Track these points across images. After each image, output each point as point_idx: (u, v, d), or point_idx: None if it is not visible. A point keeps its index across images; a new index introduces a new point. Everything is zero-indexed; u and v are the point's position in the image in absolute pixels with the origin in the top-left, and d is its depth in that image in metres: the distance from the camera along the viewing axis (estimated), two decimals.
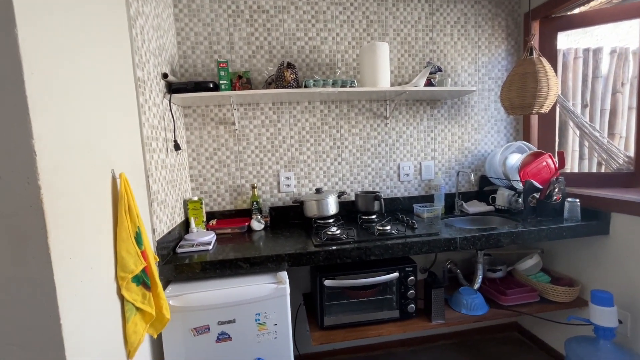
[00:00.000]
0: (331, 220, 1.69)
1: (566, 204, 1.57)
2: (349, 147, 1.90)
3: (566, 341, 1.51)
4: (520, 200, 1.74)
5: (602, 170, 1.97)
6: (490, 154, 1.98)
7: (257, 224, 1.67)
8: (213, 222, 1.71)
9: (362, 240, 1.41)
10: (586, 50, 2.06)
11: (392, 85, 1.84)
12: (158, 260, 1.15)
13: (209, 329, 1.16)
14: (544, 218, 1.61)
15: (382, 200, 1.70)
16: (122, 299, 0.94)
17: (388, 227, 1.50)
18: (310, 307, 1.68)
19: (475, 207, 1.89)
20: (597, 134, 1.84)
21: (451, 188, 2.01)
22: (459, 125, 2.00)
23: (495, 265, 1.82)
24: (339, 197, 1.75)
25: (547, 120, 1.95)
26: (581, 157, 2.20)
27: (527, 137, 1.99)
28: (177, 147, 1.48)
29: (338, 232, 1.47)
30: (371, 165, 1.93)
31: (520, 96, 1.64)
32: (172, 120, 1.49)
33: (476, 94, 1.99)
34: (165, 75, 1.42)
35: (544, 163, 1.72)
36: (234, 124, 1.77)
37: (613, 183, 1.75)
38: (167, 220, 1.38)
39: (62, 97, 0.74)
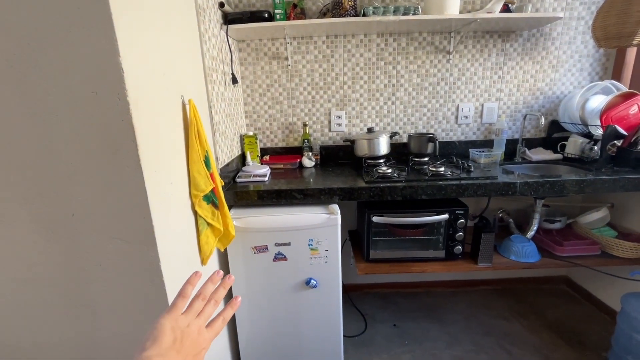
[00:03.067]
0: (382, 161, 1.68)
1: None
2: (404, 85, 1.79)
3: (623, 295, 1.45)
4: (596, 148, 1.57)
5: None
6: (567, 96, 1.75)
7: (308, 161, 1.72)
8: (266, 157, 1.79)
9: (413, 179, 1.39)
10: None
11: (460, 12, 1.64)
12: (223, 184, 1.25)
13: (267, 248, 1.29)
14: (623, 168, 1.45)
15: (437, 142, 1.63)
16: (195, 214, 1.05)
17: (442, 169, 1.46)
18: (355, 242, 1.76)
19: (539, 154, 1.75)
20: None
21: (514, 133, 1.85)
22: (533, 62, 1.77)
23: (554, 217, 1.73)
24: (391, 137, 1.71)
25: None
26: None
27: (617, 76, 1.72)
28: (234, 80, 1.51)
29: (389, 170, 1.47)
30: (427, 106, 1.82)
31: (619, 23, 1.38)
32: (229, 52, 1.50)
33: (561, 22, 1.71)
34: (221, 5, 1.40)
35: (635, 106, 1.49)
36: (287, 59, 1.73)
37: None
38: (228, 151, 1.47)
39: (139, 18, 0.77)
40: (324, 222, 1.27)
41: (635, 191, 1.35)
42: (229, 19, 1.45)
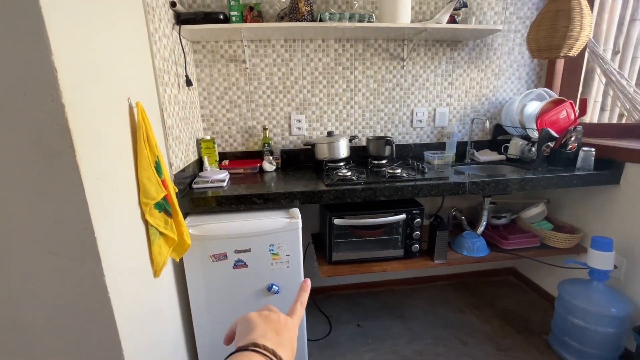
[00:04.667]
0: (342, 164, 1.70)
1: (581, 153, 1.56)
2: (362, 90, 1.84)
3: (560, 282, 1.60)
4: (533, 149, 1.72)
5: (624, 121, 1.91)
6: (508, 102, 1.91)
7: (269, 165, 1.70)
8: (225, 162, 1.74)
9: (372, 181, 1.43)
10: None
11: (412, 22, 1.72)
12: (177, 190, 1.19)
13: (226, 256, 1.25)
14: (556, 167, 1.61)
15: (394, 145, 1.69)
16: (146, 223, 0.99)
17: (398, 170, 1.52)
18: (318, 245, 1.77)
19: (486, 155, 1.88)
20: (624, 82, 1.75)
21: (464, 136, 1.98)
22: (478, 70, 1.91)
23: (500, 213, 1.86)
24: (350, 141, 1.75)
25: (573, 65, 1.84)
26: (602, 109, 2.12)
27: (549, 84, 1.91)
28: (188, 82, 1.45)
29: (349, 173, 1.50)
30: (384, 110, 1.89)
31: (549, 36, 1.53)
32: (182, 53, 1.44)
33: (501, 35, 1.86)
34: (173, 4, 1.34)
35: (564, 111, 1.67)
36: (244, 61, 1.71)
37: (632, 134, 1.70)
38: (182, 156, 1.41)
39: (74, 13, 0.72)
40: (284, 227, 1.26)
41: (566, 187, 1.50)
42: (181, 19, 1.39)
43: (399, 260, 1.62)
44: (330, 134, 1.73)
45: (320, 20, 1.49)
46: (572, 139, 1.57)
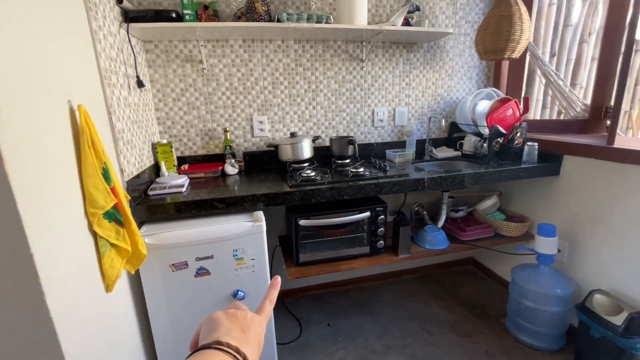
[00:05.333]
0: (306, 164, 1.70)
1: (526, 148, 1.68)
2: (323, 90, 1.86)
3: (513, 268, 1.71)
4: (485, 145, 1.84)
5: (561, 118, 2.09)
6: (462, 101, 2.02)
7: (231, 168, 1.66)
8: (185, 166, 1.67)
9: (336, 181, 1.45)
10: None
11: (369, 23, 1.77)
12: (129, 198, 1.12)
13: (187, 264, 1.20)
14: (505, 161, 1.72)
15: (356, 144, 1.72)
16: (95, 234, 0.92)
17: (361, 169, 1.55)
18: (285, 248, 1.75)
19: (444, 152, 1.97)
20: (561, 83, 1.92)
21: (423, 134, 2.06)
22: (433, 71, 2.00)
23: (458, 206, 1.96)
24: (313, 141, 1.75)
25: (516, 67, 1.99)
26: (544, 106, 2.31)
27: (497, 84, 2.04)
28: (140, 83, 1.37)
29: (312, 174, 1.50)
30: (346, 110, 1.92)
31: (494, 40, 1.64)
32: (132, 53, 1.36)
33: (452, 38, 1.97)
34: (119, 0, 1.26)
35: (510, 109, 1.79)
36: (201, 62, 1.65)
37: (569, 129, 1.87)
38: (136, 162, 1.33)
39: None
40: (248, 231, 1.24)
41: (514, 180, 1.61)
42: (130, 17, 1.32)
43: (365, 258, 1.65)
44: (293, 134, 1.72)
45: (278, 21, 1.47)
46: (518, 134, 1.69)
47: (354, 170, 1.54)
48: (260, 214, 1.29)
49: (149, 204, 1.22)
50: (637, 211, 1.35)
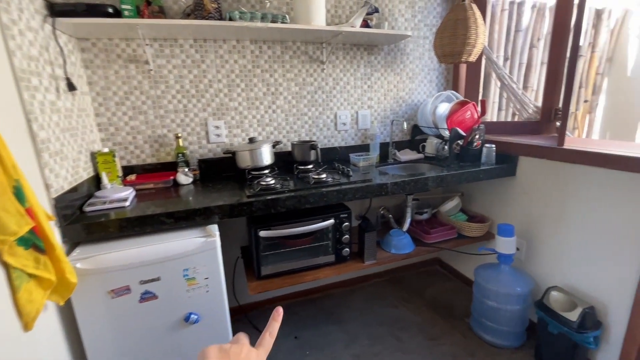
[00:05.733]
0: (266, 171, 1.62)
1: (484, 150, 1.71)
2: (283, 93, 1.78)
3: (475, 268, 1.74)
4: (446, 147, 1.85)
5: (516, 119, 2.18)
6: (423, 104, 2.03)
7: (184, 178, 1.53)
8: (132, 177, 1.52)
9: (298, 189, 1.38)
10: (512, 3, 2.14)
11: (328, 24, 1.72)
12: (54, 219, 0.98)
13: (129, 289, 1.07)
14: (465, 163, 1.75)
15: (319, 149, 1.66)
16: (6, 265, 0.78)
17: (324, 175, 1.49)
18: (248, 259, 1.65)
19: (407, 155, 1.97)
20: (514, 86, 1.99)
21: (386, 137, 2.05)
22: (394, 74, 1.99)
23: (422, 209, 1.97)
24: (273, 146, 1.67)
25: (473, 70, 2.04)
26: (500, 108, 2.40)
27: (455, 87, 2.08)
28: (71, 86, 1.22)
29: (272, 182, 1.42)
30: (307, 114, 1.85)
31: (451, 43, 1.66)
32: (60, 51, 1.20)
33: (412, 41, 1.97)
34: None
35: (469, 112, 1.82)
36: (147, 62, 1.51)
37: (523, 130, 1.94)
38: (68, 175, 1.17)
39: None
40: (199, 247, 1.13)
41: (475, 181, 1.64)
42: (56, 11, 1.16)
43: (331, 266, 1.59)
44: (252, 140, 1.63)
45: (230, 19, 1.38)
46: (477, 136, 1.72)
47: (316, 176, 1.48)
48: (213, 228, 1.19)
49: (84, 222, 1.08)
50: (585, 210, 1.41)
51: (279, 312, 0.46)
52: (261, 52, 1.69)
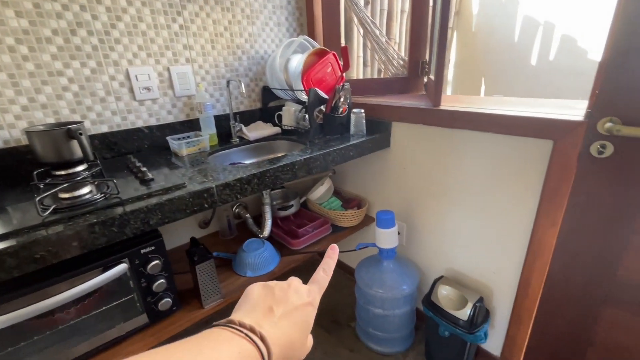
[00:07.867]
0: None
1: (352, 117, 1.30)
2: None
3: (356, 267, 1.40)
4: (307, 116, 1.37)
5: (382, 76, 1.86)
6: (271, 56, 1.46)
7: None
8: None
9: (22, 228, 0.64)
10: None
11: None
12: None
13: None
14: (332, 136, 1.31)
15: (86, 136, 0.92)
16: None
17: (85, 191, 0.79)
18: None
19: (258, 130, 1.41)
20: (377, 32, 1.62)
21: (224, 107, 1.42)
22: (223, 9, 1.32)
23: (288, 200, 1.49)
24: None
25: (332, 10, 1.55)
26: (365, 64, 2.05)
27: (311, 32, 1.57)
28: None
29: None
30: (66, 73, 1.04)
31: None
32: None
33: None
34: None
35: (329, 65, 1.35)
36: None
37: (392, 89, 1.62)
38: None
39: None
40: None
41: (345, 162, 1.21)
42: None
43: (146, 330, 0.96)
44: None
45: None
46: (342, 99, 1.28)
47: (68, 195, 0.76)
48: None
49: None
50: (469, 181, 1.17)
51: (334, 250, 0.41)
52: None
